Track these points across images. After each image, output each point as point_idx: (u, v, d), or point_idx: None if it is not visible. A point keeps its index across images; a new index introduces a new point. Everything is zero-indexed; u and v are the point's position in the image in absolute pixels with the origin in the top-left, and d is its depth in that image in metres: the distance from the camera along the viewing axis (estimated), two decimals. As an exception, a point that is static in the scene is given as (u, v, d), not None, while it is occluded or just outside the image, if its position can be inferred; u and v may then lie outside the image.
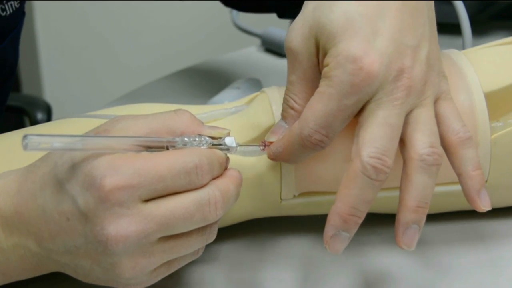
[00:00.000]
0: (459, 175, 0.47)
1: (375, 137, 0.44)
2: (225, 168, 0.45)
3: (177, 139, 0.44)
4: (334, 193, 0.52)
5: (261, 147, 0.48)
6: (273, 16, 0.82)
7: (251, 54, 0.92)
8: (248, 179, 0.50)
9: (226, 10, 0.96)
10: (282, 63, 0.88)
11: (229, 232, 0.54)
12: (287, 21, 1.59)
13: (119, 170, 0.41)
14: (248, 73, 0.85)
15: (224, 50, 1.10)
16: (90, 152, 0.42)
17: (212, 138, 0.45)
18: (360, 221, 0.44)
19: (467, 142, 0.47)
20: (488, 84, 0.52)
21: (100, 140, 0.42)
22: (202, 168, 0.43)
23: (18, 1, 0.62)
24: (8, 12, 0.61)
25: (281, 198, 0.52)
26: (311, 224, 0.56)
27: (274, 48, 0.91)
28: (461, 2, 0.67)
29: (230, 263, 0.53)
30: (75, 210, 0.41)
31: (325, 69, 0.45)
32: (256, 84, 0.77)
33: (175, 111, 0.45)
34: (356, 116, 0.45)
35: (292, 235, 0.55)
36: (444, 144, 0.47)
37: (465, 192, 0.47)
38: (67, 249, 0.43)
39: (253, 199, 0.52)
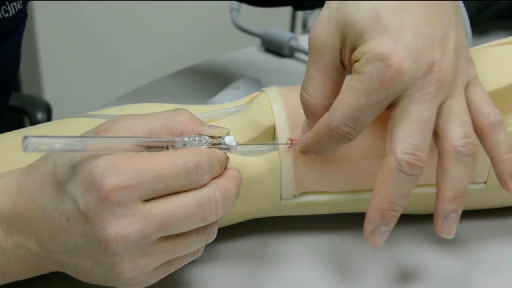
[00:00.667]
0: (491, 158, 0.48)
1: (408, 133, 0.44)
2: (225, 168, 0.45)
3: (176, 139, 0.44)
4: (334, 193, 0.52)
5: (288, 145, 0.50)
6: (273, 16, 0.82)
7: (251, 54, 0.91)
8: (248, 179, 0.50)
9: (226, 10, 0.96)
10: (282, 63, 0.89)
11: (229, 232, 0.54)
12: (287, 21, 1.59)
13: (119, 170, 0.41)
14: (248, 73, 0.84)
15: (224, 50, 1.10)
16: (90, 153, 0.42)
17: (212, 137, 0.45)
18: (398, 214, 0.45)
19: (498, 126, 0.47)
20: (488, 84, 0.52)
21: (100, 141, 0.42)
22: (202, 167, 0.43)
23: (20, 2, 0.62)
24: (11, 14, 0.61)
25: (281, 198, 0.52)
26: (311, 224, 0.56)
27: (274, 48, 0.91)
28: (461, 2, 0.67)
29: (230, 263, 0.53)
30: (75, 210, 0.41)
31: (355, 65, 0.45)
32: (256, 84, 0.77)
33: (175, 110, 0.45)
34: (386, 111, 0.46)
35: (292, 235, 0.55)
36: (476, 128, 0.47)
37: (498, 174, 0.48)
38: (67, 249, 0.43)
39: (253, 199, 0.52)
